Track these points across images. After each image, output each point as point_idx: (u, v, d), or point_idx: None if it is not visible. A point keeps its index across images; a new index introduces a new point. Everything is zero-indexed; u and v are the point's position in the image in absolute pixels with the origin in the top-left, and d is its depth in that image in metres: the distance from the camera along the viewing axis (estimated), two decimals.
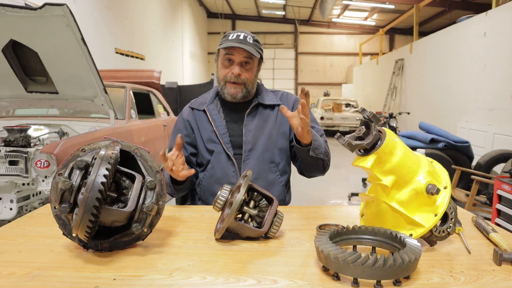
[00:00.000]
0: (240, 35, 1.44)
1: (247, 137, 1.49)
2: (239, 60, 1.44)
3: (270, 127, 1.52)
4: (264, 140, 1.50)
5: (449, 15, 14.42)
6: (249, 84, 1.49)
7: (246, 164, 1.47)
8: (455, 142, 4.21)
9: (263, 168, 1.48)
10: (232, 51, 1.43)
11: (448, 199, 0.95)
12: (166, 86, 6.74)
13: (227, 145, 1.49)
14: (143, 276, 0.80)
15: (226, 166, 1.48)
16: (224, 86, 1.49)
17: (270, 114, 1.54)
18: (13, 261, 0.87)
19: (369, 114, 0.93)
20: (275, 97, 1.58)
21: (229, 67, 1.46)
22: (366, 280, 0.75)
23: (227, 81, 1.47)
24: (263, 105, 1.54)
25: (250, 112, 1.52)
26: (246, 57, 1.44)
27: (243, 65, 1.46)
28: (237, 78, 1.45)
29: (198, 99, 1.62)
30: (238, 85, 1.47)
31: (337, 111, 12.04)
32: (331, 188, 5.29)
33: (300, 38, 20.84)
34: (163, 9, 12.76)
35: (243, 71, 1.46)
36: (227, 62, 1.47)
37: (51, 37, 2.59)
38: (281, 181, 1.52)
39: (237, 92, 1.48)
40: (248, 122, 1.51)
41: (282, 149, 1.52)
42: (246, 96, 1.51)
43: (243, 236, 1.01)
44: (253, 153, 1.48)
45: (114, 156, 0.87)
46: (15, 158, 2.53)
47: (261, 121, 1.52)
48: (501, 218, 2.72)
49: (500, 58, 5.89)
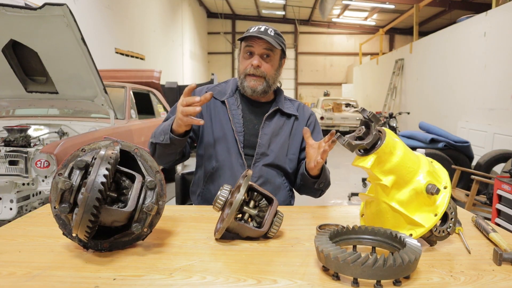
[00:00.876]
0: (261, 27, 1.42)
1: (262, 140, 1.47)
2: (259, 52, 1.42)
3: (284, 136, 1.51)
4: (277, 147, 1.48)
5: (449, 15, 14.42)
6: (270, 78, 1.45)
7: (255, 167, 1.45)
8: (455, 142, 4.21)
9: (271, 173, 1.47)
10: (252, 43, 1.41)
11: (448, 199, 0.95)
12: (166, 86, 6.74)
13: (241, 144, 1.45)
14: (143, 276, 0.80)
15: (236, 166, 1.44)
16: (244, 79, 1.45)
17: (286, 122, 1.53)
18: (13, 261, 0.87)
19: (369, 114, 0.93)
20: (293, 107, 1.57)
21: (249, 59, 1.44)
22: (366, 280, 0.75)
23: (247, 73, 1.44)
24: (281, 112, 1.52)
25: (269, 116, 1.50)
26: (266, 48, 1.41)
27: (263, 57, 1.43)
28: (256, 70, 1.42)
29: (216, 87, 1.56)
30: (258, 78, 1.43)
31: (337, 111, 12.04)
32: (331, 188, 5.26)
33: (300, 38, 20.84)
34: (163, 9, 12.76)
35: (263, 63, 1.43)
36: (247, 55, 1.44)
37: (51, 37, 2.59)
38: (286, 185, 1.52)
39: (257, 85, 1.44)
40: (265, 125, 1.48)
41: (292, 159, 1.52)
42: (266, 91, 1.47)
43: (243, 236, 1.01)
44: (265, 158, 1.46)
45: (114, 156, 0.87)
46: (15, 158, 2.53)
47: (277, 127, 1.50)
48: (501, 218, 2.72)
49: (500, 58, 5.89)
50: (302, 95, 20.79)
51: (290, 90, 20.70)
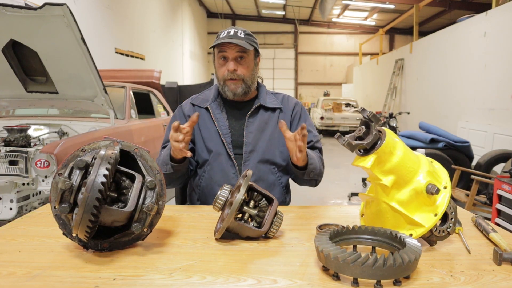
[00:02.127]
0: (231, 31, 1.44)
1: (248, 138, 1.49)
2: (233, 56, 1.44)
3: (271, 130, 1.52)
4: (264, 142, 1.49)
5: (449, 15, 14.42)
6: (248, 79, 1.48)
7: (246, 166, 1.47)
8: (455, 142, 4.21)
9: (263, 170, 1.48)
10: (225, 48, 1.43)
11: (448, 199, 0.95)
12: (166, 86, 6.73)
13: (229, 145, 1.48)
14: (143, 276, 0.80)
15: (226, 167, 1.47)
16: (224, 85, 1.49)
17: (272, 116, 1.54)
18: (13, 261, 0.87)
19: (369, 114, 0.93)
20: (276, 100, 1.58)
21: (225, 65, 1.46)
22: (366, 280, 0.75)
23: (225, 79, 1.47)
24: (264, 107, 1.54)
25: (252, 114, 1.52)
26: (239, 51, 1.43)
27: (238, 60, 1.45)
28: (233, 74, 1.45)
29: (199, 96, 1.61)
30: (236, 81, 1.46)
31: (337, 111, 12.04)
32: (331, 188, 5.29)
33: (300, 38, 20.84)
34: (163, 9, 12.76)
35: (239, 66, 1.45)
36: (222, 60, 1.47)
37: (51, 37, 2.59)
38: (281, 182, 1.52)
39: (237, 87, 1.47)
40: (249, 124, 1.50)
41: (283, 151, 1.52)
42: (246, 91, 1.50)
43: (243, 236, 1.01)
44: (254, 155, 1.48)
45: (114, 156, 0.87)
46: (15, 158, 2.53)
47: (262, 123, 1.52)
48: (501, 218, 2.71)
49: (500, 58, 5.89)
50: (302, 95, 20.79)
51: (290, 90, 20.70)
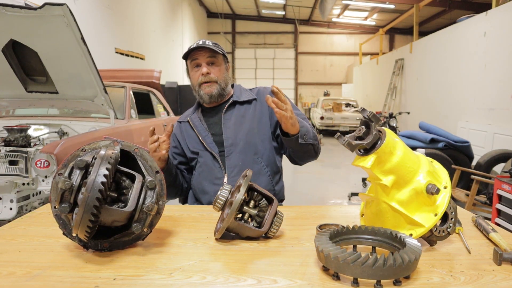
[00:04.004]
0: (199, 41, 1.55)
1: (227, 133, 1.56)
2: (205, 61, 1.55)
3: (249, 121, 1.57)
4: (244, 134, 1.55)
5: (449, 15, 14.42)
6: (221, 82, 1.58)
7: (229, 159, 1.53)
8: (455, 142, 4.21)
9: (246, 160, 1.52)
10: (196, 56, 1.55)
11: (448, 199, 0.95)
12: (166, 86, 6.74)
13: (210, 144, 1.56)
14: (143, 276, 0.80)
15: (212, 163, 1.55)
16: (199, 89, 1.57)
17: (248, 108, 1.60)
18: (13, 261, 0.87)
19: (369, 114, 0.93)
20: (251, 94, 1.65)
21: (198, 71, 1.56)
22: (366, 280, 0.75)
23: (200, 83, 1.56)
24: (238, 102, 1.61)
25: (226, 111, 1.59)
26: (210, 56, 1.54)
27: (209, 64, 1.56)
28: (207, 77, 1.54)
29: (184, 113, 1.74)
30: (210, 83, 1.56)
31: (337, 111, 12.05)
32: (331, 188, 5.29)
33: (300, 38, 20.84)
34: (163, 9, 12.75)
35: (211, 69, 1.55)
36: (195, 68, 1.57)
37: (51, 37, 2.59)
38: (267, 171, 1.55)
39: (212, 90, 1.56)
40: (226, 121, 1.58)
41: (264, 139, 1.57)
42: (221, 93, 1.58)
43: (243, 236, 1.01)
44: (235, 148, 1.54)
45: (114, 156, 0.87)
46: (15, 158, 2.53)
47: (239, 117, 1.58)
48: (501, 218, 2.71)
49: (500, 58, 5.89)
50: (302, 95, 20.79)
51: (290, 90, 20.71)
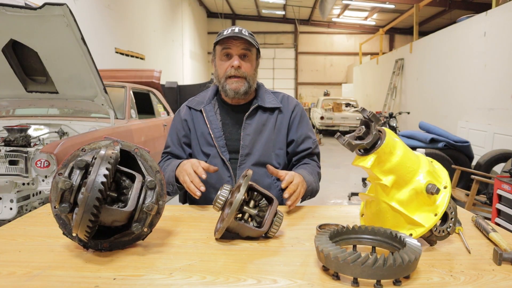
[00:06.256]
0: (235, 29, 1.41)
1: (245, 141, 1.45)
2: (238, 52, 1.41)
3: (268, 132, 1.48)
4: (261, 144, 1.46)
5: (449, 15, 14.42)
6: (250, 78, 1.44)
7: (241, 169, 1.43)
8: (455, 142, 4.21)
9: (259, 173, 1.43)
10: (229, 45, 1.40)
11: (448, 198, 0.95)
12: (166, 86, 6.74)
13: (222, 149, 1.44)
14: (143, 276, 0.80)
15: (221, 170, 1.43)
16: (225, 83, 1.43)
17: (270, 117, 1.50)
18: (13, 261, 0.87)
19: (369, 113, 0.93)
20: (276, 99, 1.53)
21: (228, 61, 1.42)
22: (366, 280, 0.75)
23: (228, 76, 1.42)
24: (263, 108, 1.49)
25: (249, 115, 1.47)
26: (244, 48, 1.41)
27: (242, 57, 1.42)
28: (237, 71, 1.40)
29: (196, 98, 1.58)
30: (239, 79, 1.42)
31: (337, 110, 12.05)
32: (331, 188, 5.29)
33: (300, 38, 20.83)
34: (163, 9, 12.75)
35: (242, 63, 1.41)
36: (225, 57, 1.42)
37: (51, 37, 2.59)
38: (277, 185, 1.47)
39: (239, 86, 1.42)
40: (246, 126, 1.46)
41: (279, 154, 1.50)
42: (247, 91, 1.45)
43: (243, 236, 1.01)
44: (250, 158, 1.44)
45: (114, 155, 0.87)
46: (15, 158, 2.53)
47: (260, 124, 1.47)
48: (501, 218, 2.71)
49: (500, 58, 5.89)
50: (302, 95, 20.78)
51: (290, 90, 20.69)
